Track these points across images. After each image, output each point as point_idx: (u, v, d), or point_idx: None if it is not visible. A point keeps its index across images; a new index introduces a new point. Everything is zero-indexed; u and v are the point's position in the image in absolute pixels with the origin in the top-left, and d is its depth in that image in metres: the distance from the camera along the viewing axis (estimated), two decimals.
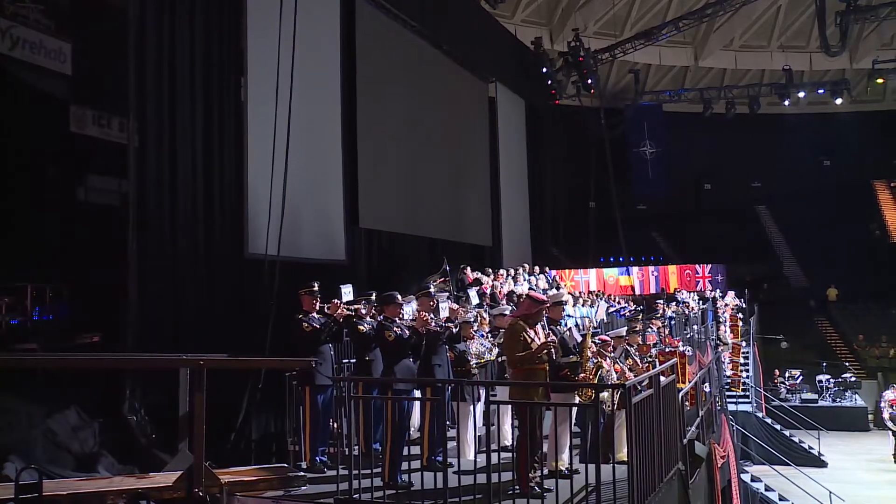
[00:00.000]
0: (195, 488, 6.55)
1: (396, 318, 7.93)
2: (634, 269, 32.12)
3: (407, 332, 7.77)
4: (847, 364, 31.32)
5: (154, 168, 11.77)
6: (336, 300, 8.62)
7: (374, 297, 8.83)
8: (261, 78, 13.25)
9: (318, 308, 8.54)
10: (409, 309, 8.63)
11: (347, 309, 8.58)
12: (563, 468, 7.17)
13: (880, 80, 34.37)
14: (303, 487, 7.46)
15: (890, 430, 22.25)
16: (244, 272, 12.99)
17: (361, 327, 8.45)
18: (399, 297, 8.11)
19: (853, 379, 28.38)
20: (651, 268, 32.68)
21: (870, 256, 36.16)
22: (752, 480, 15.86)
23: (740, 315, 23.10)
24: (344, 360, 9.41)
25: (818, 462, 20.99)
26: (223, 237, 12.96)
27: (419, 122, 20.32)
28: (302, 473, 7.75)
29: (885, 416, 22.59)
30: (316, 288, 8.62)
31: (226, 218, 13.08)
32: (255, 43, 13.55)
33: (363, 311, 8.66)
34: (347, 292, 8.90)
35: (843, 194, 37.95)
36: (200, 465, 6.62)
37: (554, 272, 23.30)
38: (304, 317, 8.46)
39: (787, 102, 36.31)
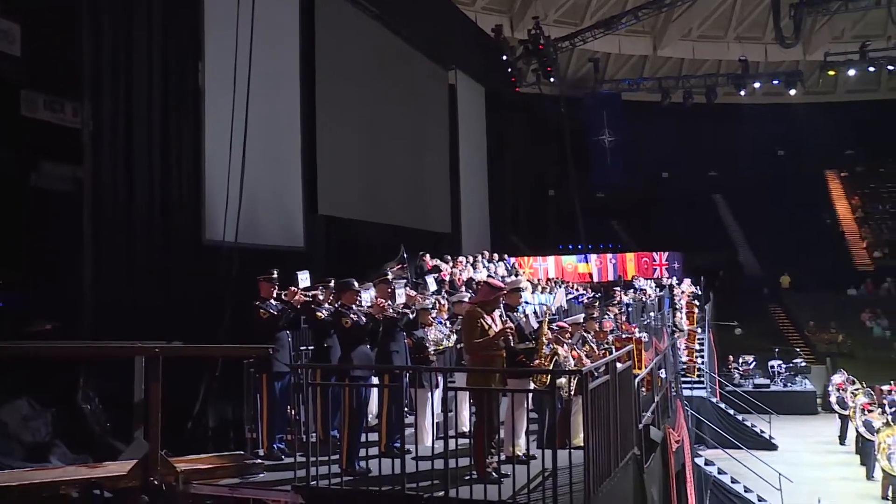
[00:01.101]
0: (150, 477, 6.51)
1: (353, 305, 7.92)
2: (592, 257, 32.39)
3: (364, 318, 7.77)
4: (798, 350, 32.01)
5: (109, 153, 11.58)
6: (293, 287, 8.59)
7: (331, 284, 8.81)
8: (219, 63, 13.08)
9: (275, 295, 8.51)
10: (367, 296, 8.63)
11: (304, 295, 8.56)
12: (520, 454, 7.23)
13: (832, 72, 34.97)
14: (260, 475, 7.45)
15: (837, 413, 22.82)
16: (202, 259, 12.86)
17: (319, 314, 8.43)
18: (356, 283, 8.10)
19: (803, 364, 29.04)
20: (609, 255, 32.98)
21: (821, 245, 36.90)
22: (706, 464, 16.13)
23: (696, 302, 23.39)
24: (302, 347, 9.38)
25: (769, 445, 21.43)
26: (180, 223, 12.80)
27: (379, 109, 20.25)
28: (259, 461, 7.75)
29: (833, 399, 23.15)
30: (275, 275, 8.58)
31: (183, 204, 12.91)
32: (213, 27, 13.37)
33: (321, 298, 8.64)
34: (304, 279, 8.87)
35: (796, 184, 38.60)
36: (156, 454, 6.59)
37: (513, 259, 23.44)
38: (262, 303, 8.43)
39: (743, 93, 36.79)
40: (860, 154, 42.15)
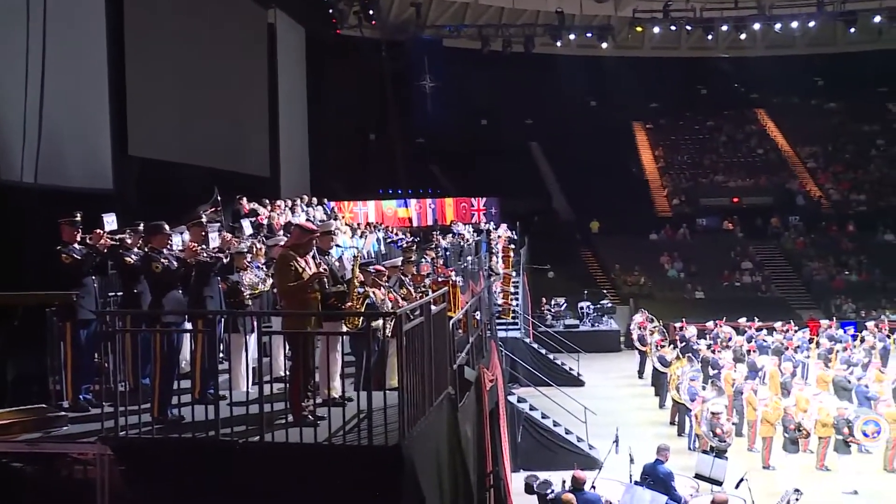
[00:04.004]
0: None
1: (164, 249, 7.64)
2: (412, 202, 32.78)
3: (175, 263, 7.52)
4: (605, 291, 33.96)
5: None
6: (98, 230, 8.16)
7: (140, 227, 8.44)
8: None
9: (79, 239, 8.06)
10: (179, 239, 8.35)
11: (111, 239, 8.16)
12: (336, 396, 7.30)
13: (639, 28, 36.75)
14: (64, 427, 7.13)
15: (637, 349, 24.52)
16: None
17: (128, 259, 8.07)
18: (167, 226, 7.80)
19: (609, 305, 30.86)
20: (428, 200, 33.51)
21: (628, 192, 39.05)
22: (519, 401, 16.83)
23: (512, 246, 24.17)
24: (110, 294, 8.97)
25: (577, 381, 22.74)
26: None
27: (194, 47, 19.40)
28: (63, 413, 7.40)
29: (634, 337, 24.86)
30: (78, 218, 8.11)
31: None
32: None
33: (129, 242, 8.27)
34: (111, 222, 8.45)
35: (606, 134, 40.50)
36: None
37: (332, 204, 23.31)
38: (64, 248, 7.96)
39: (559, 44, 37.90)
40: (663, 108, 44.86)
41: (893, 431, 14.84)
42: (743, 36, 37.33)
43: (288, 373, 6.99)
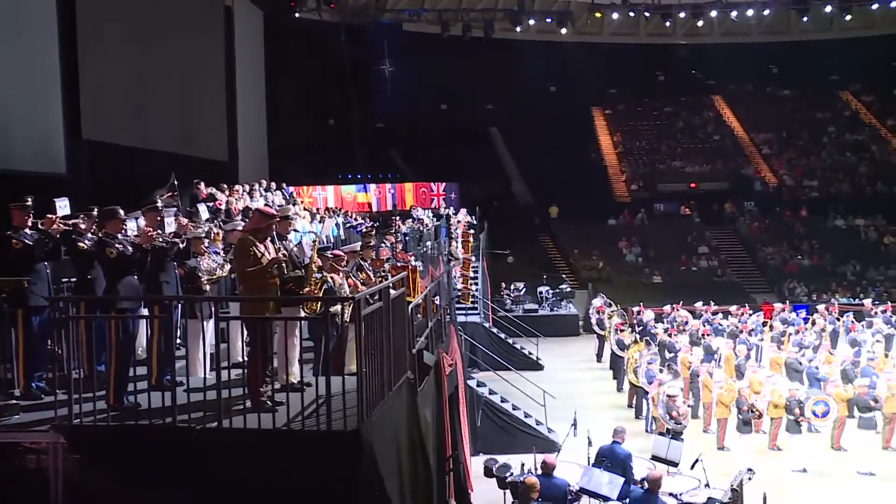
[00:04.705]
0: None
1: (119, 234, 7.52)
2: (372, 187, 32.69)
3: (130, 248, 7.41)
4: (564, 276, 34.19)
5: None
6: (50, 215, 8.00)
7: (94, 213, 8.29)
8: None
9: (30, 223, 7.89)
10: (134, 224, 8.23)
11: (64, 224, 8.01)
12: (294, 381, 7.27)
13: (598, 14, 36.91)
14: (15, 416, 6.99)
15: (596, 333, 24.75)
16: None
17: (81, 244, 7.93)
18: (121, 211, 7.67)
19: (568, 289, 31.07)
20: (388, 185, 33.43)
21: (586, 177, 39.29)
22: (478, 385, 16.90)
23: (472, 231, 24.21)
24: (63, 280, 8.81)
25: (536, 365, 22.90)
26: None
27: (149, 28, 19.06)
28: (14, 402, 7.26)
29: (593, 321, 25.09)
30: (29, 202, 7.94)
31: None
32: None
33: (83, 227, 8.12)
34: (63, 206, 8.27)
35: (566, 119, 40.67)
36: None
37: (291, 188, 23.15)
38: (14, 233, 7.79)
39: (518, 29, 37.92)
40: (622, 93, 45.19)
41: (841, 411, 15.22)
42: (700, 23, 37.80)
43: (246, 358, 6.93)
